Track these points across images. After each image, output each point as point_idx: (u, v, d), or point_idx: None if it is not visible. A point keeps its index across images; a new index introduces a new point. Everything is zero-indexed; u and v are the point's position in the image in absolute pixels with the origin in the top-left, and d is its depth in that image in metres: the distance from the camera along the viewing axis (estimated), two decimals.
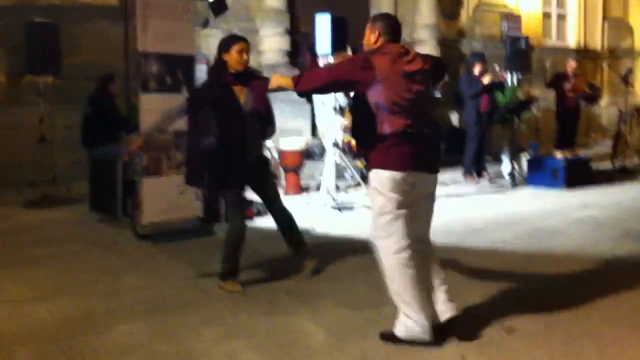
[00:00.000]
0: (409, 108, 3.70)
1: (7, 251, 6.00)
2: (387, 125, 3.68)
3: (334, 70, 4.00)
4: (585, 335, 3.86)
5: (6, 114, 9.56)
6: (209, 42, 11.07)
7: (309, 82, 3.86)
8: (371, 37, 3.90)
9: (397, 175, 3.66)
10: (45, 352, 3.69)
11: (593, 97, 11.92)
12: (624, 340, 3.78)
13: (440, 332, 3.74)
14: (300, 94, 4.04)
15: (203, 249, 6.02)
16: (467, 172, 10.12)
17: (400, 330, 3.73)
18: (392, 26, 3.91)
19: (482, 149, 10.13)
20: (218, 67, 4.84)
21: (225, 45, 4.74)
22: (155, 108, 6.25)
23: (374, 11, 13.87)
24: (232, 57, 4.70)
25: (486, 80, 9.86)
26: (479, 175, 10.11)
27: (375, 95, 3.68)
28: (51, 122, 9.12)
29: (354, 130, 4.06)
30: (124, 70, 8.29)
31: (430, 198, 3.90)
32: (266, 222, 7.09)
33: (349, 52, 10.86)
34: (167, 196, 6.34)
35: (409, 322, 3.69)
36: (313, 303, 4.46)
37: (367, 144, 3.79)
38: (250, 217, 7.13)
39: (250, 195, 5.21)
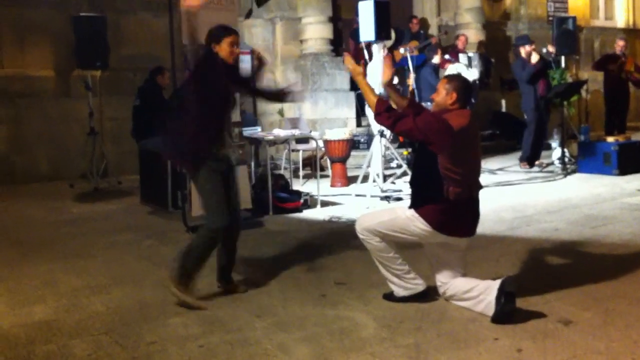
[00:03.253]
0: (471, 175, 4.02)
1: (60, 243, 6.13)
2: (450, 189, 3.92)
3: (419, 126, 3.98)
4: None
5: (56, 107, 9.75)
6: (252, 32, 11.12)
7: (395, 124, 4.05)
8: (447, 99, 4.05)
9: (439, 235, 4.02)
10: (101, 344, 3.75)
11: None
12: None
13: None
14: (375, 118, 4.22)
15: (252, 240, 6.04)
16: (524, 159, 9.91)
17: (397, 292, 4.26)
18: (466, 91, 4.13)
19: (541, 136, 9.92)
20: (211, 58, 4.38)
21: (216, 36, 4.41)
22: None
23: None
24: (223, 49, 4.41)
25: (534, 58, 9.62)
26: (533, 163, 9.90)
27: (446, 159, 3.91)
28: (100, 115, 9.27)
29: (416, 177, 4.20)
30: (170, 61, 8.36)
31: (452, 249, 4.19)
32: (313, 213, 7.13)
33: (393, 36, 10.82)
34: None
35: (394, 287, 4.26)
36: (363, 294, 4.45)
37: (426, 198, 4.03)
38: (298, 209, 7.15)
39: (298, 186, 5.20)
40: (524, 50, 9.83)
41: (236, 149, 4.69)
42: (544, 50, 10.40)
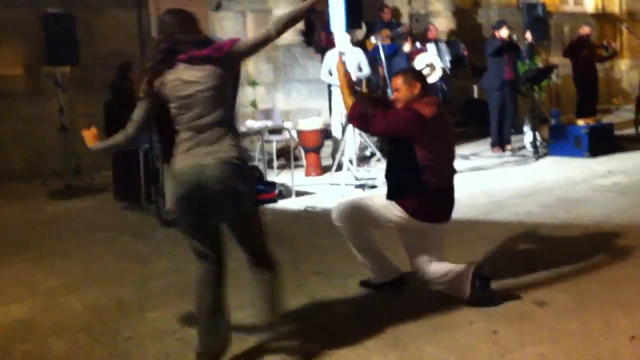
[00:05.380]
0: (446, 162, 4.06)
1: (35, 242, 6.07)
2: (428, 177, 3.94)
3: (392, 123, 4.03)
4: (617, 306, 3.82)
5: (26, 105, 9.63)
6: (222, 24, 11.04)
7: (369, 126, 4.13)
8: (413, 90, 4.06)
9: (415, 221, 4.03)
10: (78, 341, 3.74)
11: (610, 58, 11.69)
12: None
13: None
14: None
15: (227, 232, 6.02)
16: (495, 144, 9.99)
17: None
18: (423, 77, 4.22)
19: (505, 120, 10.00)
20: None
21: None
22: None
23: None
24: None
25: (504, 33, 9.68)
26: (504, 147, 9.98)
27: (422, 148, 3.93)
28: (71, 112, 9.17)
29: (391, 168, 4.20)
30: (140, 57, 8.30)
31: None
32: (288, 203, 7.13)
33: (364, 28, 10.82)
34: None
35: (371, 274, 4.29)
36: (341, 282, 4.47)
37: (402, 189, 4.03)
38: (273, 200, 7.15)
39: (272, 176, 5.20)
40: (497, 33, 9.90)
41: None
42: (516, 38, 10.46)
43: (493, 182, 7.83)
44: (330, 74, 8.95)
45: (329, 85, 9.49)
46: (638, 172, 7.89)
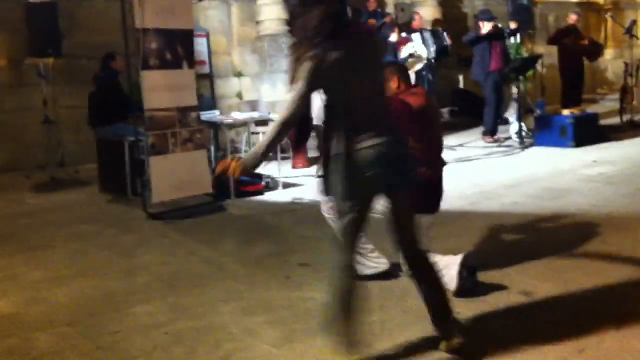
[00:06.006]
0: (434, 152, 4.09)
1: (20, 236, 6.01)
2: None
3: None
4: (602, 294, 3.85)
5: (10, 97, 9.52)
6: (207, 14, 10.96)
7: None
8: (392, 85, 4.07)
9: None
10: (65, 336, 3.71)
11: (592, 52, 11.74)
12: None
13: None
14: None
15: (214, 225, 6.03)
16: (487, 132, 10.02)
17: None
18: (402, 69, 4.25)
19: (497, 109, 10.03)
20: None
21: None
22: (157, 84, 6.24)
23: None
24: None
25: (486, 29, 9.75)
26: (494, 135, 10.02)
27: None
28: (55, 103, 9.08)
29: None
30: (124, 47, 8.23)
31: None
32: (275, 195, 7.12)
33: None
34: (175, 174, 6.33)
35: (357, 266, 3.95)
36: (327, 274, 4.43)
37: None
38: (260, 192, 7.13)
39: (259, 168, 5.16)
40: (481, 24, 9.92)
41: None
42: (500, 26, 10.48)
43: (480, 172, 7.85)
44: None
45: None
46: (623, 161, 7.94)
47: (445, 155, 4.30)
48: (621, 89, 11.46)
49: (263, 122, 8.66)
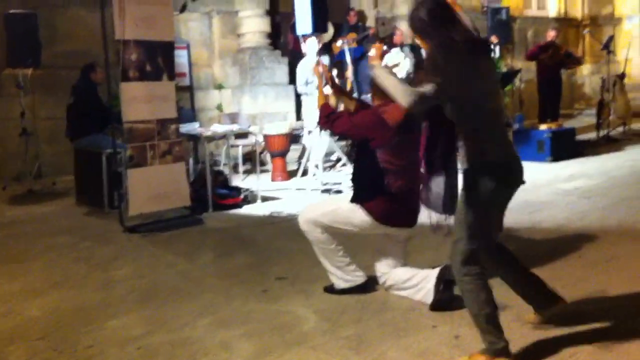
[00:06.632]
0: (412, 167, 4.04)
1: None
2: (391, 182, 3.99)
3: (355, 125, 4.14)
4: (579, 307, 3.86)
5: None
6: (188, 26, 10.96)
7: (334, 125, 4.21)
8: (374, 99, 4.18)
9: (380, 226, 4.06)
10: (37, 349, 3.66)
11: (571, 62, 11.89)
12: (615, 312, 3.81)
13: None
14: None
15: (192, 238, 6.00)
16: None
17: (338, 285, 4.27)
18: None
19: None
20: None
21: None
22: (136, 96, 6.22)
23: None
24: None
25: None
26: None
27: (385, 152, 3.99)
28: (34, 114, 9.01)
29: (357, 172, 4.28)
30: (104, 58, 8.19)
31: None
32: (253, 208, 7.10)
33: (331, 30, 10.82)
34: (153, 186, 6.29)
35: (334, 279, 4.27)
36: (305, 288, 4.46)
37: (367, 192, 4.07)
38: (239, 205, 7.11)
39: (238, 181, 5.17)
40: None
41: None
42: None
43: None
44: (307, 83, 8.88)
45: (301, 94, 9.38)
46: (599, 175, 8.03)
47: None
48: (598, 104, 11.60)
49: (243, 135, 8.66)
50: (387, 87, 3.13)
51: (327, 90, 4.68)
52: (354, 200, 4.10)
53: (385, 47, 10.69)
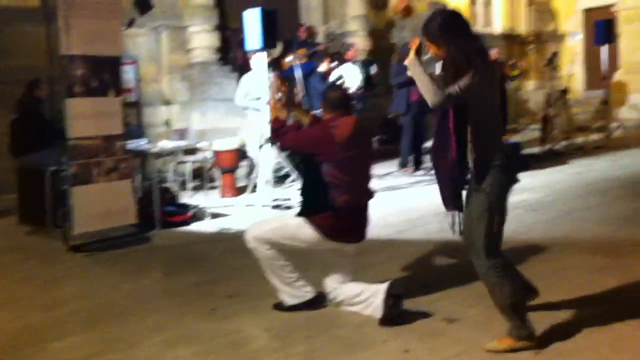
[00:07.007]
0: (358, 182, 4.09)
1: None
2: (337, 197, 4.00)
3: (301, 140, 4.22)
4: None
5: None
6: (136, 42, 10.83)
7: (283, 140, 4.31)
8: (325, 114, 4.23)
9: (327, 242, 4.06)
10: None
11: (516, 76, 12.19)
12: (558, 317, 3.87)
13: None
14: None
15: (139, 257, 5.90)
16: (403, 164, 10.15)
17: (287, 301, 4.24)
18: (332, 99, 4.21)
19: (418, 139, 10.17)
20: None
21: None
22: (82, 112, 6.11)
23: (303, 3, 13.87)
24: None
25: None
26: (418, 166, 10.14)
27: (331, 167, 4.01)
28: None
29: (305, 186, 4.34)
30: (50, 73, 8.03)
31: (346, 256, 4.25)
32: (202, 225, 7.02)
33: (280, 47, 10.84)
34: (98, 204, 6.17)
35: (283, 296, 4.24)
36: (254, 305, 4.42)
37: (315, 206, 4.08)
38: (187, 222, 7.02)
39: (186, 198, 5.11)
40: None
41: None
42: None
43: (407, 201, 7.95)
44: (246, 96, 8.88)
45: (247, 108, 9.35)
46: (543, 188, 8.19)
47: (374, 183, 4.34)
48: (542, 119, 11.86)
49: (192, 151, 8.58)
50: (419, 84, 3.39)
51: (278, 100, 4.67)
52: (300, 214, 4.10)
53: (334, 64, 10.82)
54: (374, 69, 11.75)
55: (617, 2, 16.06)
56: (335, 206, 4.01)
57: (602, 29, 11.96)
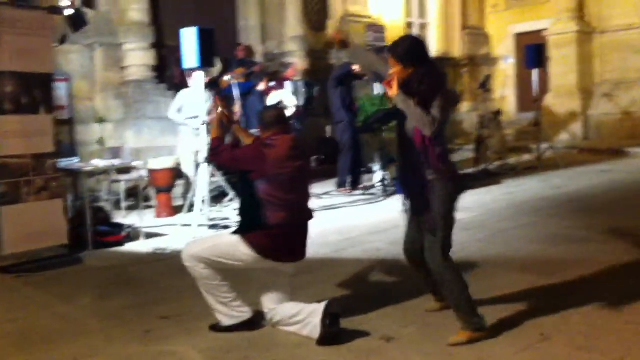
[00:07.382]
0: (294, 201, 4.10)
1: None
2: (272, 215, 4.00)
3: (235, 157, 4.23)
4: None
5: None
6: (69, 58, 10.60)
7: (219, 158, 4.32)
8: (262, 134, 4.25)
9: (263, 261, 4.06)
10: None
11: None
12: (496, 338, 3.93)
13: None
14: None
15: (70, 278, 5.72)
16: (341, 184, 10.20)
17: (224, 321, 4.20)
18: (268, 119, 4.24)
19: (357, 160, 10.25)
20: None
21: None
22: (10, 130, 5.93)
23: (242, 23, 13.86)
24: None
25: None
26: (356, 185, 10.20)
27: (266, 185, 4.02)
28: None
29: (242, 204, 4.32)
30: None
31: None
32: (136, 246, 6.88)
33: (218, 64, 10.80)
34: (28, 224, 5.97)
35: (220, 316, 4.20)
36: (189, 326, 4.34)
37: (251, 224, 4.08)
38: (120, 242, 6.86)
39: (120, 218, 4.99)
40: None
41: None
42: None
43: (345, 220, 7.98)
44: (179, 111, 8.83)
45: (180, 124, 9.25)
46: (478, 208, 8.34)
47: (312, 203, 4.34)
48: (476, 139, 12.12)
49: (126, 170, 8.41)
50: (412, 116, 3.73)
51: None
52: (236, 232, 4.07)
53: (272, 84, 10.86)
54: (317, 91, 11.84)
55: (547, 27, 16.62)
56: (270, 224, 3.99)
57: (533, 53, 12.32)
